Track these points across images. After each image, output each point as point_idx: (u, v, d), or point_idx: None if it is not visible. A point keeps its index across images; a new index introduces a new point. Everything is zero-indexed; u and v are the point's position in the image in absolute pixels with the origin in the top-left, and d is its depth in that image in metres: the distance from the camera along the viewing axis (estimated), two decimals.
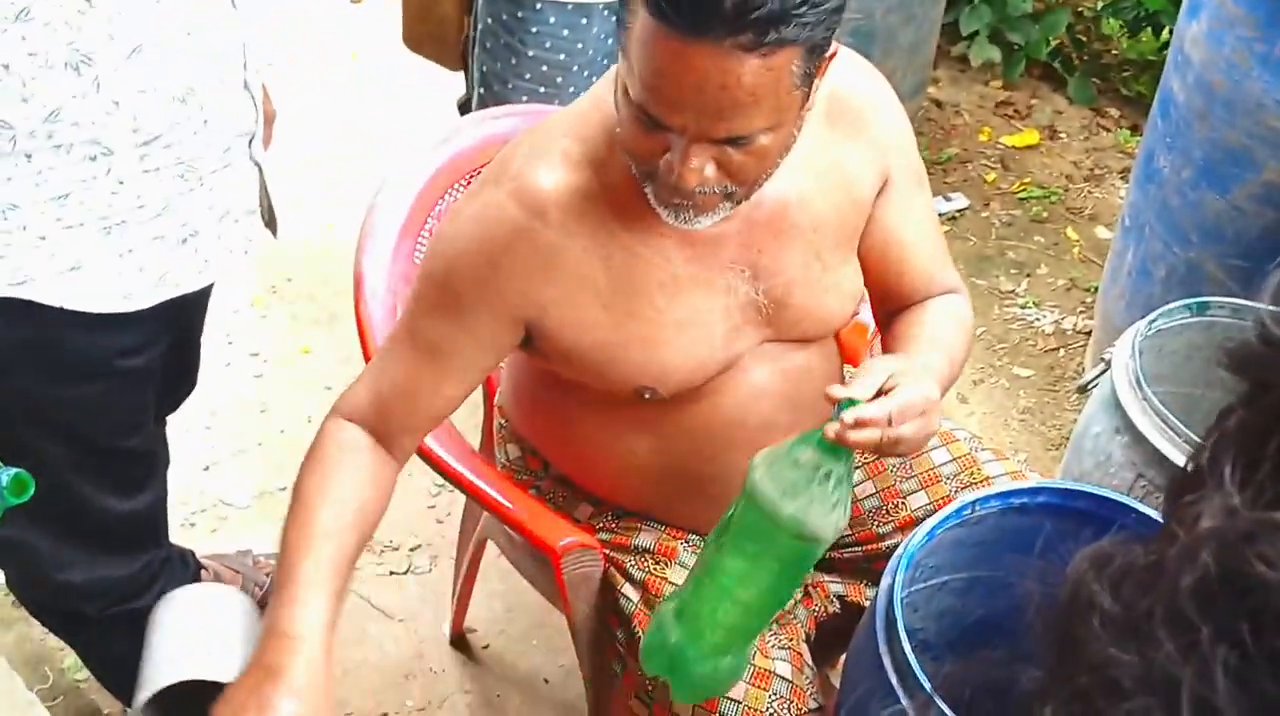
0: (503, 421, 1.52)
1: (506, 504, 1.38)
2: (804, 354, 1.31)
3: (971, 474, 1.47)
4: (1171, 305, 1.67)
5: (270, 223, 1.47)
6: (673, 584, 1.33)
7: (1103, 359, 1.65)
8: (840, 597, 1.51)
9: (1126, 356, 1.60)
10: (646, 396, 1.25)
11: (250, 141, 1.33)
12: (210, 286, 1.46)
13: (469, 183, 1.55)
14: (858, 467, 1.49)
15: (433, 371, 1.22)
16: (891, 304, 1.37)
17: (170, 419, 1.79)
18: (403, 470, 1.31)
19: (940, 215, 2.83)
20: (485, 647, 1.94)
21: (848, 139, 1.25)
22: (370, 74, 3.13)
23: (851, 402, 1.08)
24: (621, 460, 1.34)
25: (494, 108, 1.76)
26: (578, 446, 1.38)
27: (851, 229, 1.28)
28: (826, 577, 1.51)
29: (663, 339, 1.22)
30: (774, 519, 1.09)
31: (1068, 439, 2.02)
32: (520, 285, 1.19)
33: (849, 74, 1.23)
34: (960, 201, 2.89)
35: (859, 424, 1.07)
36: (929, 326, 1.32)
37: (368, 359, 1.46)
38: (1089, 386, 1.71)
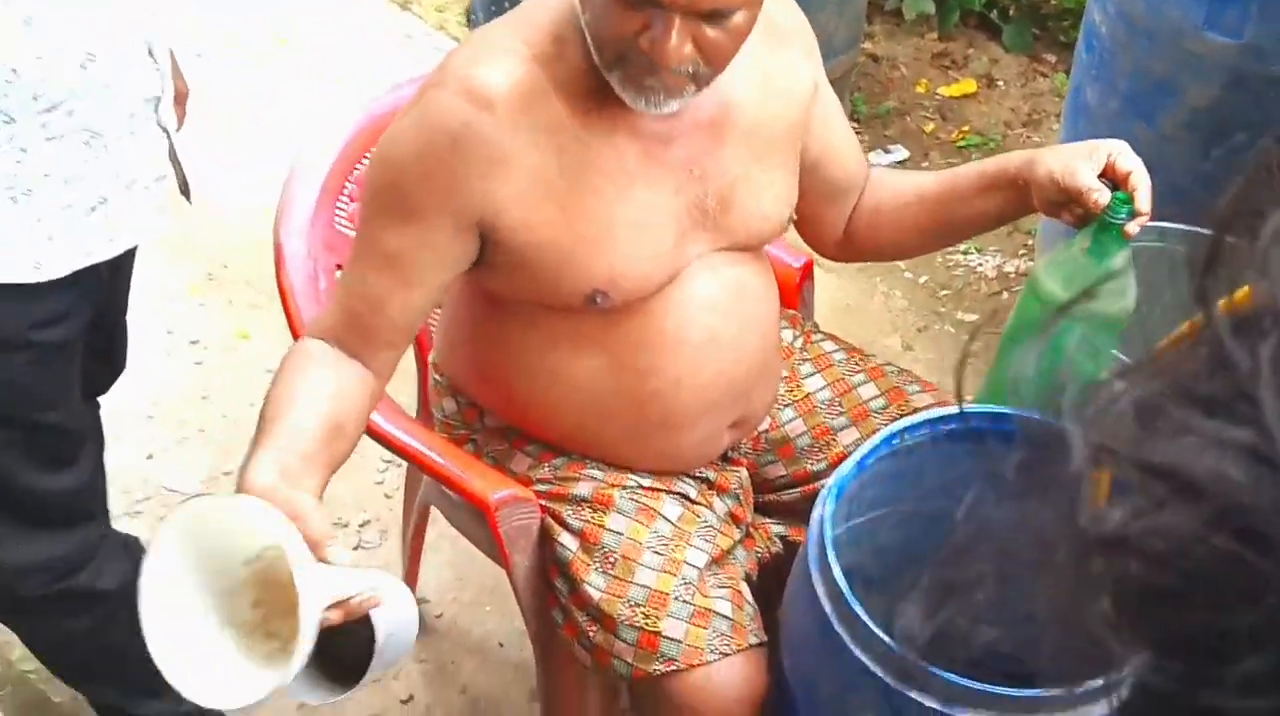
0: (438, 377, 1.51)
1: (439, 460, 1.37)
2: (745, 268, 1.35)
3: (900, 407, 1.48)
4: None
5: (184, 190, 1.45)
6: (611, 531, 1.33)
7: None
8: (782, 537, 1.51)
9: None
10: (598, 301, 1.25)
11: (156, 107, 1.32)
12: (130, 261, 1.44)
13: None
14: (786, 406, 1.50)
15: (395, 280, 1.21)
16: (845, 201, 1.45)
17: (111, 408, 1.76)
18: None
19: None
20: (438, 616, 1.93)
21: (779, 50, 1.31)
22: (302, 59, 3.09)
23: (1120, 196, 1.21)
24: (565, 387, 1.33)
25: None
26: (519, 379, 1.36)
27: (787, 133, 1.33)
28: (767, 519, 1.52)
29: (616, 238, 1.23)
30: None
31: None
32: (473, 183, 1.18)
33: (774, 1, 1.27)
34: (900, 153, 2.89)
35: (1139, 213, 1.22)
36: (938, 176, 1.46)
37: (299, 337, 1.45)
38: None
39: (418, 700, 1.82)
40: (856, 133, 2.96)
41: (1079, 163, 1.24)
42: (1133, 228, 1.23)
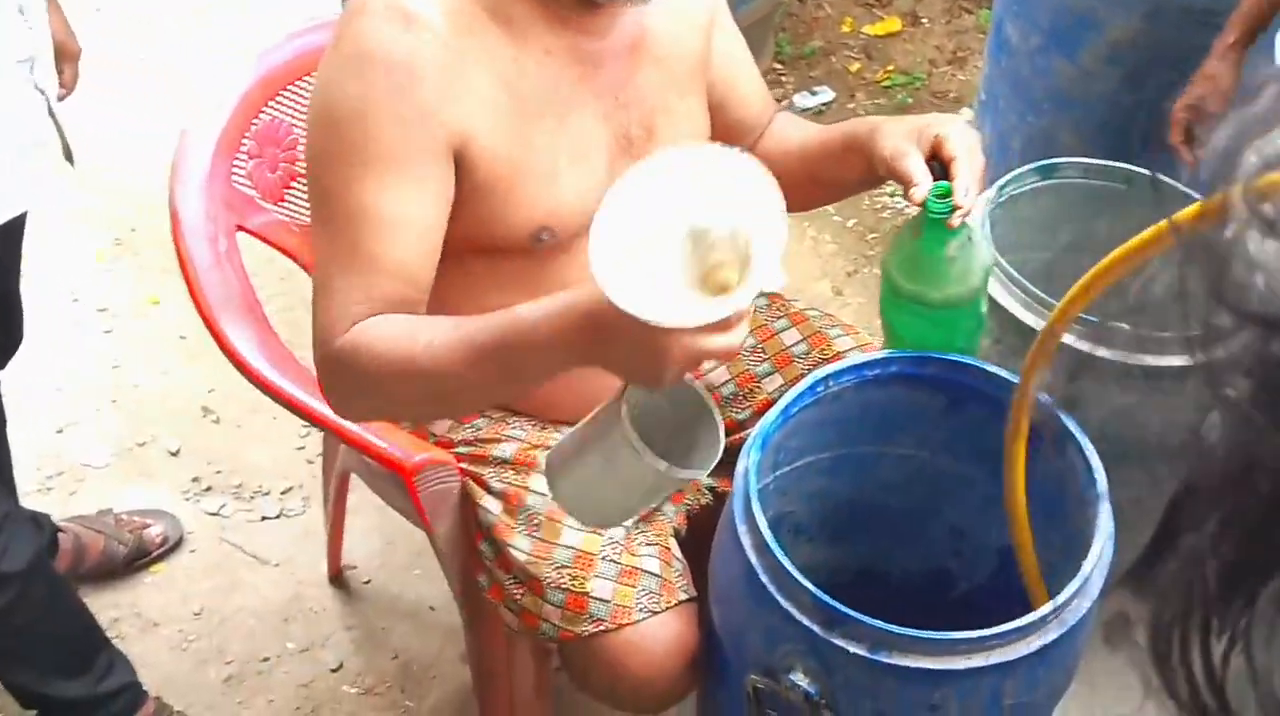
0: None
1: (352, 428, 1.33)
2: None
3: (822, 351, 1.46)
4: (1019, 170, 1.66)
5: (68, 154, 1.38)
6: (535, 492, 1.30)
7: None
8: (711, 489, 1.49)
9: (978, 226, 1.59)
10: (543, 238, 1.21)
11: (31, 68, 1.24)
12: (19, 228, 1.37)
13: (281, 97, 1.47)
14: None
15: (409, 239, 1.11)
16: (746, 131, 1.40)
17: (18, 383, 1.70)
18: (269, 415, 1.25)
19: (805, 110, 2.79)
20: (366, 582, 1.89)
21: None
22: (208, 20, 2.98)
23: (941, 187, 1.16)
24: None
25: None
26: None
27: (696, 59, 1.30)
28: None
29: (559, 170, 1.20)
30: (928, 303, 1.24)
31: None
32: (445, 109, 1.12)
33: None
34: (826, 94, 2.86)
35: (968, 194, 1.16)
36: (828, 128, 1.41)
37: (199, 300, 1.38)
38: None
39: (347, 667, 1.79)
40: (781, 74, 2.94)
41: (907, 147, 1.18)
42: (956, 220, 1.15)
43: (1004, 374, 1.30)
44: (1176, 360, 1.46)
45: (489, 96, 1.15)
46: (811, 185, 1.38)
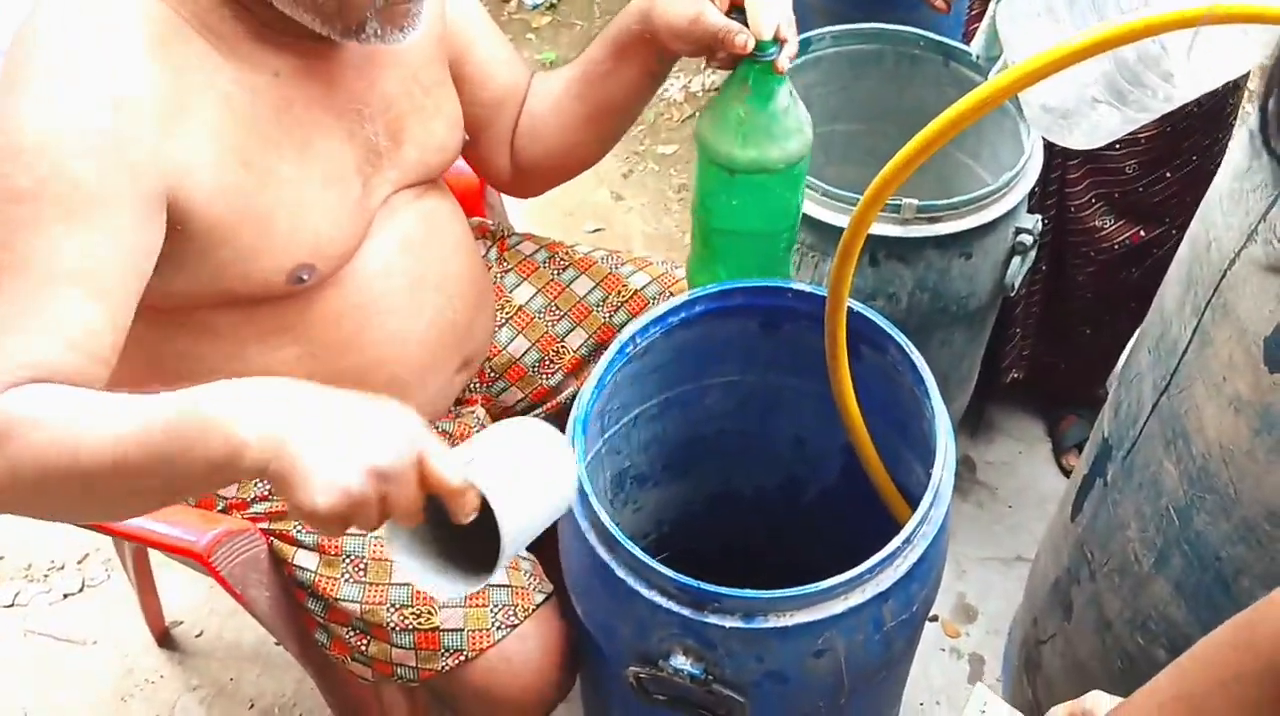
0: None
1: (124, 524, 1.17)
2: (429, 200, 1.20)
3: (619, 294, 1.38)
4: None
5: None
6: (351, 535, 1.18)
7: None
8: None
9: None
10: (304, 278, 1.05)
11: None
12: None
13: None
14: (502, 327, 1.37)
15: (88, 295, 0.90)
16: (506, 113, 1.29)
17: None
18: None
19: (536, 6, 2.64)
20: (199, 636, 1.74)
21: None
22: None
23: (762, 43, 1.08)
24: None
25: None
26: None
27: (436, 48, 1.17)
28: None
29: (310, 201, 1.04)
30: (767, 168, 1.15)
31: None
32: (154, 145, 0.92)
33: None
34: None
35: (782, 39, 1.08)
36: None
37: None
38: None
39: None
40: None
41: (697, 5, 1.09)
42: (783, 61, 1.09)
43: (810, 289, 1.24)
44: (966, 223, 1.44)
45: (215, 125, 0.97)
46: (598, 117, 1.27)
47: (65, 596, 1.78)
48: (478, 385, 1.36)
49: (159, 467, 0.81)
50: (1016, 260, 1.51)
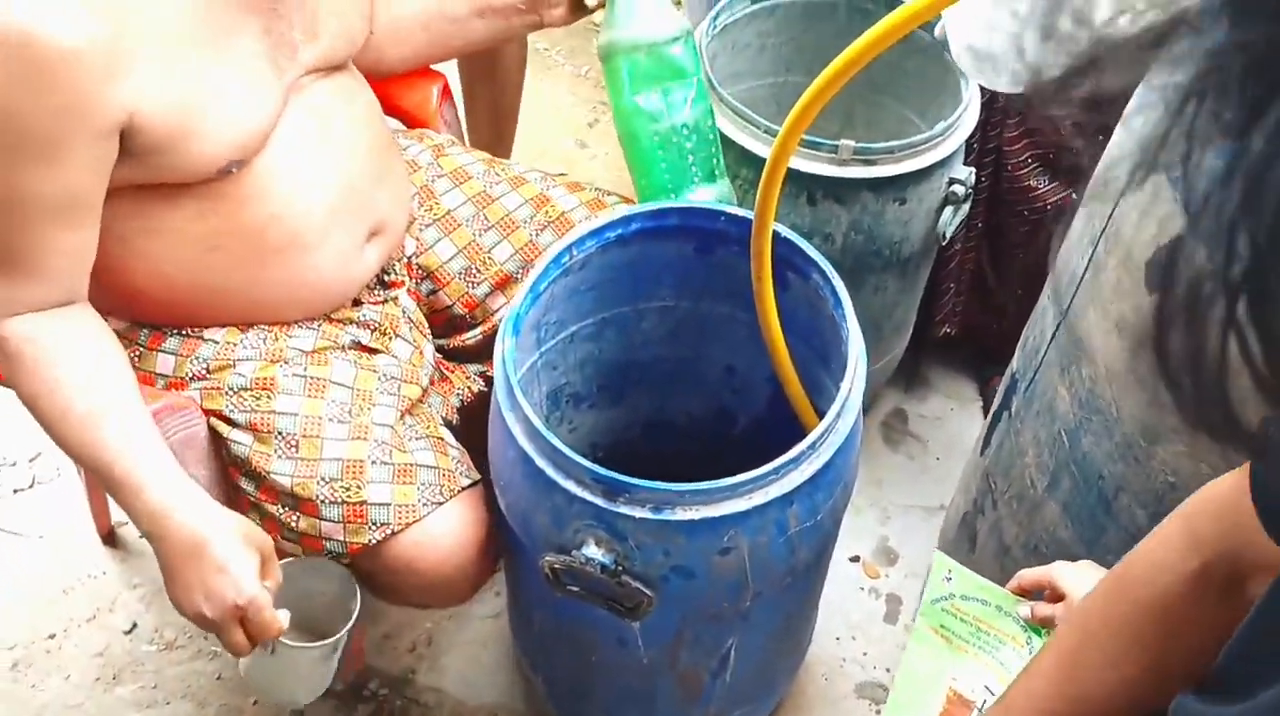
0: None
1: None
2: (337, 78, 1.29)
3: (546, 213, 1.43)
4: None
5: None
6: (283, 413, 1.24)
7: None
8: (481, 374, 1.46)
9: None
10: (231, 170, 1.15)
11: None
12: None
13: None
14: (428, 227, 1.44)
15: (76, 220, 1.10)
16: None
17: None
18: None
19: None
20: (142, 536, 1.78)
21: None
22: None
23: None
24: (175, 256, 1.20)
25: None
26: (124, 269, 1.21)
27: None
28: (461, 363, 1.46)
29: (231, 101, 1.13)
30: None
31: None
32: (104, 90, 1.03)
33: None
34: None
35: None
36: None
37: None
38: None
39: (142, 626, 1.70)
40: None
41: None
42: None
43: (741, 213, 1.30)
44: (901, 168, 1.50)
45: (144, 52, 1.05)
46: (444, 54, 1.52)
47: (15, 492, 1.82)
48: (401, 271, 1.40)
49: (100, 474, 1.14)
50: (949, 210, 1.58)
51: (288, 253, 1.23)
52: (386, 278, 1.38)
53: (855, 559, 1.82)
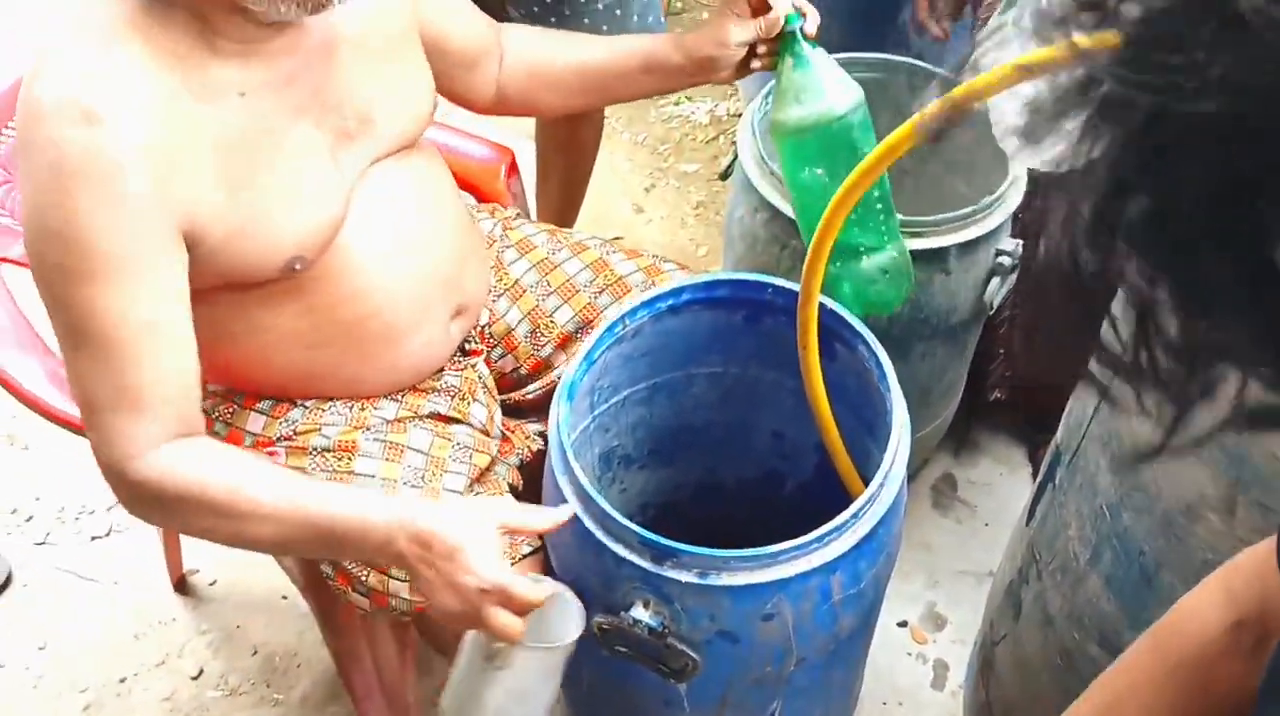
0: None
1: None
2: (409, 161, 1.32)
3: (605, 277, 1.49)
4: None
5: None
6: (362, 475, 1.30)
7: (732, 143, 1.67)
8: (541, 434, 1.51)
9: (748, 136, 1.62)
10: (297, 267, 1.19)
11: None
12: None
13: None
14: (500, 297, 1.49)
15: (169, 337, 1.10)
16: (485, 66, 1.43)
17: None
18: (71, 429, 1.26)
19: None
20: (212, 584, 1.86)
21: None
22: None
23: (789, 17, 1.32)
24: (273, 342, 1.26)
25: None
26: (224, 351, 1.27)
27: (400, 25, 1.29)
28: (521, 421, 1.51)
29: (291, 199, 1.17)
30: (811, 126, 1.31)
31: None
32: (164, 201, 1.07)
33: None
34: None
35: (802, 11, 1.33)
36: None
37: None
38: (728, 172, 1.73)
39: (208, 672, 1.77)
40: None
41: (729, 19, 1.34)
42: (810, 26, 1.33)
43: (789, 285, 1.34)
44: (947, 240, 1.53)
45: (203, 161, 1.10)
46: (599, 100, 1.56)
47: (93, 539, 1.91)
48: (477, 342, 1.47)
49: (317, 548, 1.19)
50: (996, 281, 1.61)
51: (385, 342, 1.29)
52: (467, 347, 1.45)
53: (903, 624, 1.83)
